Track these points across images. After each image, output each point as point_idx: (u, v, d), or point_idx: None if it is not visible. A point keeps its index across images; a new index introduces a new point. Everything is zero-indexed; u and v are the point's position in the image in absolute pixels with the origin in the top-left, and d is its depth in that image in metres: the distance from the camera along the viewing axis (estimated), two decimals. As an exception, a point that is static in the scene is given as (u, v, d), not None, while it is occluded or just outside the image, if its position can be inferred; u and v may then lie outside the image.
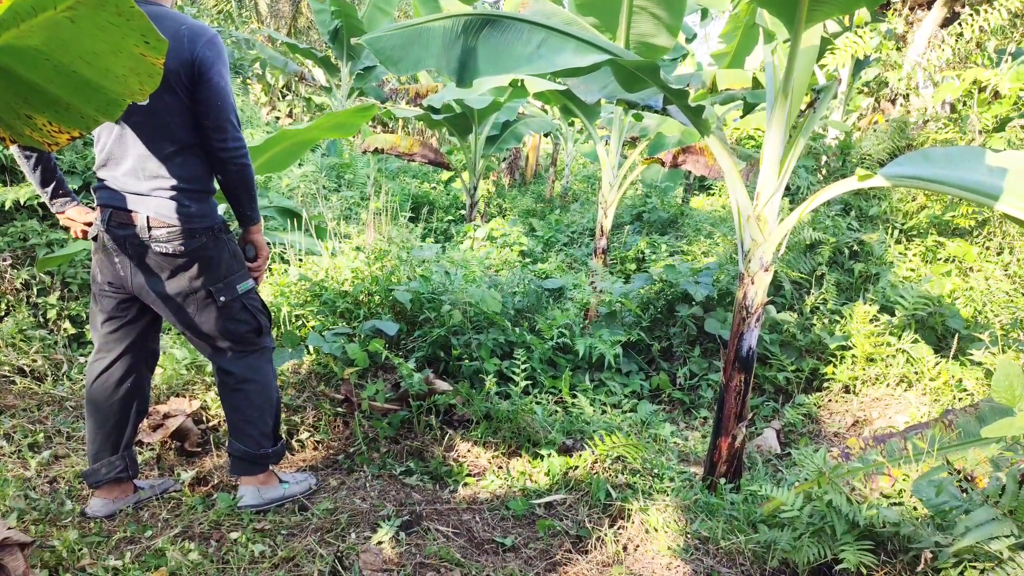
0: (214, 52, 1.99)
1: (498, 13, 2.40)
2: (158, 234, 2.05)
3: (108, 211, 2.07)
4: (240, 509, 2.30)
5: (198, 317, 2.17)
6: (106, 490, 2.28)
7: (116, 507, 2.28)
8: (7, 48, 1.27)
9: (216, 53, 1.99)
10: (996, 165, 2.06)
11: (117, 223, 2.07)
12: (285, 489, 2.41)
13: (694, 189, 9.89)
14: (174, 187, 2.06)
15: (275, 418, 2.37)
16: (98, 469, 2.25)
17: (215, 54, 1.99)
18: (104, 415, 2.25)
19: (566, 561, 2.12)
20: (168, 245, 2.06)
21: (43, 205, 3.80)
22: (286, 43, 11.12)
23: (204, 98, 1.99)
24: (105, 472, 2.25)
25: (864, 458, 2.36)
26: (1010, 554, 1.62)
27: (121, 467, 2.27)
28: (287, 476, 2.48)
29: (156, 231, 2.05)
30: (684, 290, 4.15)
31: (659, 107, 2.70)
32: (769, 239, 2.42)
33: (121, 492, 2.31)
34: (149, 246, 2.06)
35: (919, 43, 5.65)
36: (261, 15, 15.03)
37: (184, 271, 2.11)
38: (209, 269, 2.13)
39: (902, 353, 3.64)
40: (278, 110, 11.61)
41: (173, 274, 2.10)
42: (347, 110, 3.47)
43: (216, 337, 2.21)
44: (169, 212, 2.06)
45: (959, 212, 4.62)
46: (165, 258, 2.08)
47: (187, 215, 2.08)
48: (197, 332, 2.20)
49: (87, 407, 2.26)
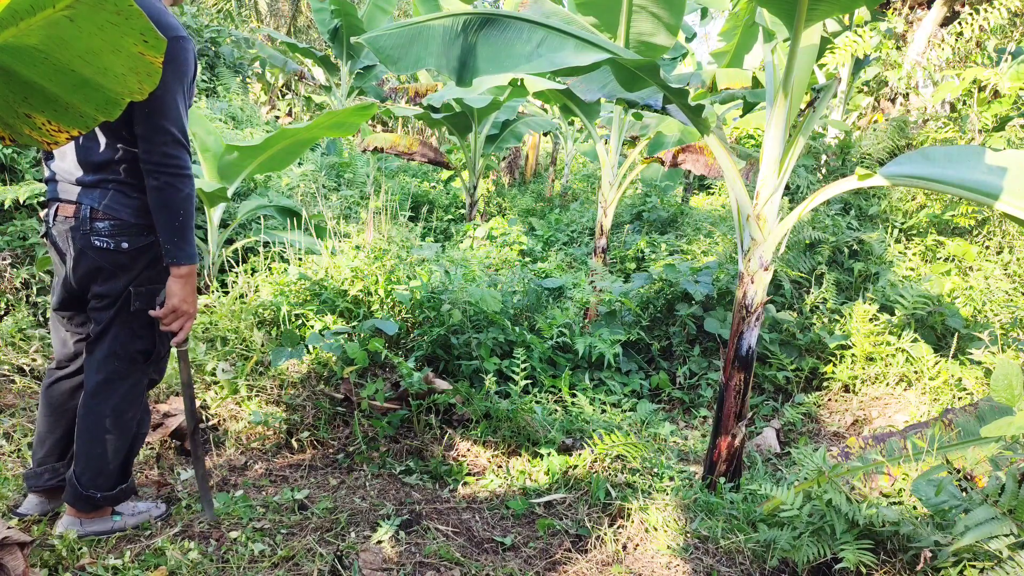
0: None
1: (498, 12, 2.40)
2: (100, 227, 1.90)
3: (55, 205, 1.95)
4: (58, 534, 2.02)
5: (103, 315, 1.97)
6: (45, 492, 2.14)
7: (52, 508, 2.15)
8: (6, 47, 1.27)
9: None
10: (996, 164, 2.06)
11: (62, 216, 1.93)
12: (115, 521, 2.12)
13: (694, 188, 9.89)
14: (121, 181, 1.90)
15: (125, 458, 2.08)
16: (41, 473, 2.12)
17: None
18: (57, 420, 2.12)
19: (566, 560, 2.12)
20: (110, 240, 1.90)
21: (43, 204, 3.80)
22: (286, 42, 11.12)
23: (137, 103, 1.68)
24: (48, 478, 2.12)
25: (864, 457, 2.37)
26: (1009, 553, 1.62)
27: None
28: (125, 507, 2.17)
29: (98, 224, 1.89)
30: (684, 289, 4.15)
31: (659, 106, 2.70)
32: (769, 238, 2.42)
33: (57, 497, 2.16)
34: (91, 240, 1.89)
35: (919, 42, 5.65)
36: (261, 14, 15.03)
37: (124, 271, 1.94)
38: (146, 270, 1.97)
39: (902, 352, 3.64)
40: (278, 109, 11.60)
41: (111, 275, 1.93)
42: (347, 109, 3.47)
43: (104, 343, 1.99)
44: (115, 205, 1.90)
45: (959, 211, 4.62)
46: (105, 255, 1.91)
47: (135, 209, 1.92)
48: (95, 329, 2.00)
49: (40, 407, 2.14)
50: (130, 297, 1.95)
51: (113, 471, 2.05)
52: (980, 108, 4.91)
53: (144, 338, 2.03)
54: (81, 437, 2.02)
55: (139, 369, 2.06)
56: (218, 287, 3.69)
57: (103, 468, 2.03)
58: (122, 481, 2.09)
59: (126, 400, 2.03)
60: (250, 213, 4.33)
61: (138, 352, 2.03)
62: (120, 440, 2.04)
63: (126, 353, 2.01)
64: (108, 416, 2.00)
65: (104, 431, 2.00)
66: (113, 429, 2.01)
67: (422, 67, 2.39)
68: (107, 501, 2.06)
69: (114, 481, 2.06)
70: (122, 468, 2.08)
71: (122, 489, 2.09)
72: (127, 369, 2.02)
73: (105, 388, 2.00)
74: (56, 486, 2.13)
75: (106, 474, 2.03)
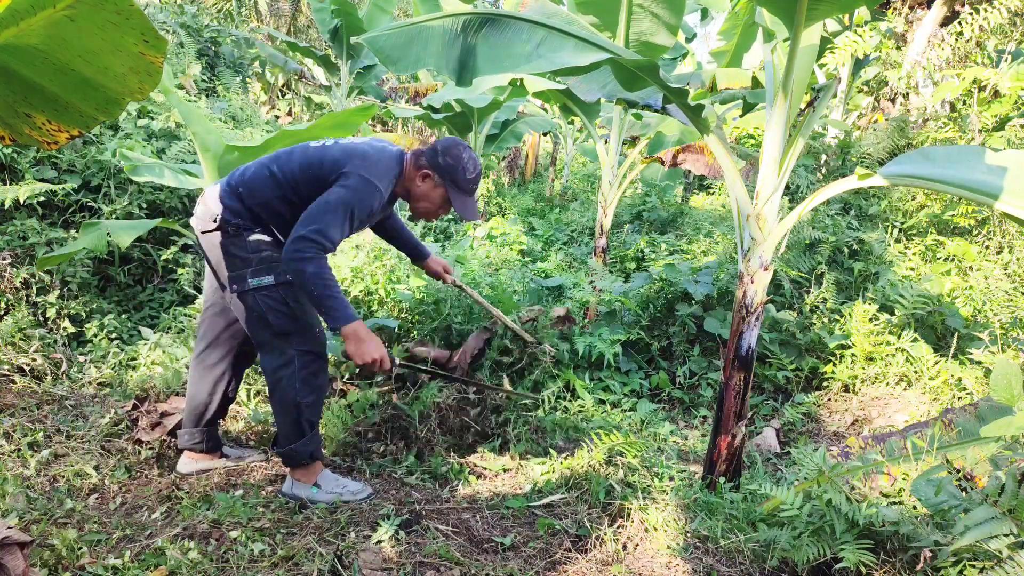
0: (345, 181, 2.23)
1: (498, 12, 2.40)
2: (198, 210, 2.35)
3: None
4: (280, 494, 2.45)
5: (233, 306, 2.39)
6: (189, 454, 2.61)
7: (199, 467, 2.60)
8: (7, 47, 1.27)
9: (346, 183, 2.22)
10: (996, 164, 2.06)
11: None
12: (312, 493, 2.41)
13: (694, 188, 9.88)
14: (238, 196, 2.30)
15: (287, 422, 2.38)
16: (182, 434, 2.60)
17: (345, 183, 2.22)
18: (193, 392, 2.56)
19: (566, 560, 2.12)
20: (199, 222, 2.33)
21: (43, 204, 3.80)
22: (286, 41, 11.10)
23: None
24: (186, 440, 2.59)
25: (863, 457, 2.37)
26: (1009, 553, 1.62)
27: (198, 439, 2.58)
28: (331, 483, 2.45)
29: (198, 208, 2.36)
30: (684, 289, 4.15)
31: (659, 106, 2.70)
32: (769, 238, 2.42)
33: (204, 458, 2.62)
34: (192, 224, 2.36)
35: (919, 42, 5.65)
36: (261, 13, 15.02)
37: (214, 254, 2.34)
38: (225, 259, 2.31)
39: (902, 352, 3.64)
40: (278, 109, 11.59)
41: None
42: (347, 110, 3.47)
43: (250, 332, 2.40)
44: (213, 197, 2.32)
45: (959, 211, 4.62)
46: (197, 237, 2.35)
47: (218, 203, 2.29)
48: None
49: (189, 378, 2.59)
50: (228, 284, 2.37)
51: (288, 432, 2.39)
52: (980, 108, 4.91)
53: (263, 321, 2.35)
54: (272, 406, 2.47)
55: (274, 345, 2.36)
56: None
57: (283, 429, 2.41)
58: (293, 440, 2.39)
59: (277, 375, 2.36)
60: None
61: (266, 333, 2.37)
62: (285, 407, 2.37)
63: (260, 338, 2.41)
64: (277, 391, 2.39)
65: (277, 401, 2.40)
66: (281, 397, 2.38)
67: (422, 67, 2.39)
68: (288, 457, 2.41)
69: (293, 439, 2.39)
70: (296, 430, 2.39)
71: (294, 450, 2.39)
72: (269, 350, 2.38)
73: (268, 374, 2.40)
74: (191, 448, 2.62)
75: (286, 434, 2.41)
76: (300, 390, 2.34)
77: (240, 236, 2.28)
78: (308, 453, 2.42)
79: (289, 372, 2.33)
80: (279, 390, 2.35)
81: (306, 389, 2.35)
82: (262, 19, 14.94)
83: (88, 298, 3.72)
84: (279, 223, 2.32)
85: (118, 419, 2.82)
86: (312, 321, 2.37)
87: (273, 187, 2.29)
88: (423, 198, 2.44)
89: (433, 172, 2.38)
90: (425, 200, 2.44)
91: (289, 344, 2.32)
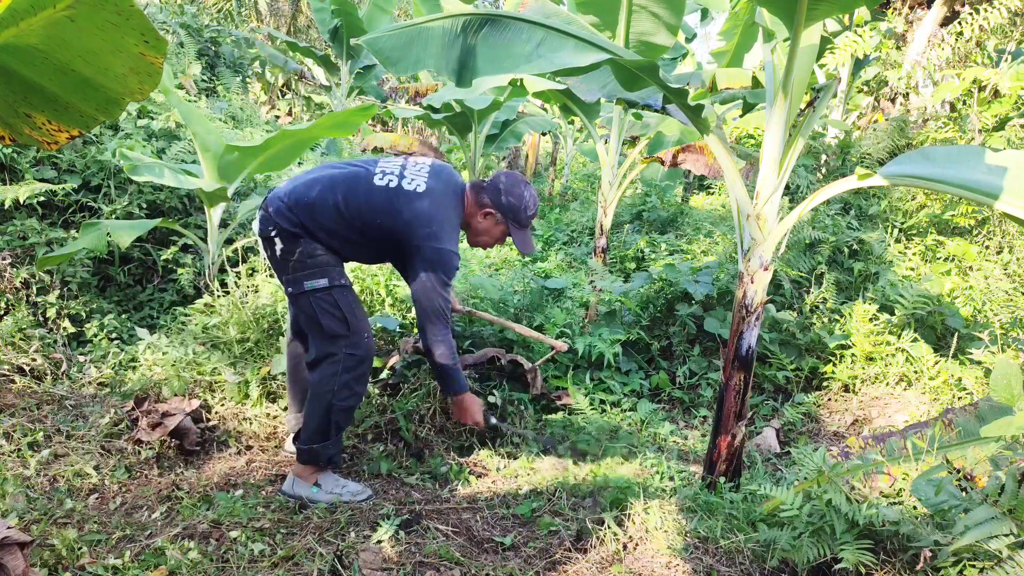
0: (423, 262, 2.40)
1: (498, 13, 2.40)
2: (259, 215, 2.45)
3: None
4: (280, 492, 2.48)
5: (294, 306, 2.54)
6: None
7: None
8: (7, 47, 1.27)
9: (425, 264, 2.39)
10: (996, 164, 2.06)
11: None
12: (313, 492, 2.43)
13: (694, 188, 9.88)
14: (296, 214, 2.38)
15: (316, 421, 2.42)
16: (289, 419, 2.77)
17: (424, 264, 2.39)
18: (292, 380, 2.73)
19: (566, 560, 2.12)
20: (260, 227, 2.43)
21: (43, 204, 3.81)
22: (286, 41, 11.10)
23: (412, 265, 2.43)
24: (293, 424, 2.73)
25: (863, 457, 2.37)
26: (1009, 553, 1.62)
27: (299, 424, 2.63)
28: (331, 483, 2.48)
29: (259, 213, 2.45)
30: (684, 289, 4.15)
31: (659, 106, 2.70)
32: (769, 238, 2.42)
33: None
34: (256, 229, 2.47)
35: (919, 42, 5.65)
36: (261, 14, 15.02)
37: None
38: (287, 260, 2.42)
39: (902, 352, 3.64)
40: (278, 109, 11.59)
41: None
42: (347, 110, 3.47)
43: (306, 330, 2.54)
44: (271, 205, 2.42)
45: (959, 211, 4.62)
46: (260, 241, 2.45)
47: (278, 213, 2.37)
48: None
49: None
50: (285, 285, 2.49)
51: (313, 434, 2.44)
52: (980, 108, 4.91)
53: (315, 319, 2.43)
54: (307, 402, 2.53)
55: (325, 348, 2.44)
56: (218, 287, 3.70)
57: (310, 426, 2.45)
58: (317, 441, 2.44)
59: (320, 375, 2.44)
60: (250, 213, 4.33)
61: (319, 331, 2.46)
62: (319, 409, 2.42)
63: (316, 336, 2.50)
64: (314, 390, 2.46)
65: (312, 399, 2.46)
66: (316, 396, 2.45)
67: (422, 68, 2.39)
68: (306, 455, 2.45)
69: (317, 440, 2.44)
70: (322, 433, 2.44)
71: (312, 449, 2.44)
72: (321, 353, 2.47)
73: (313, 371, 2.48)
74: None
75: (311, 434, 2.45)
76: (339, 392, 2.40)
77: (296, 242, 2.38)
78: (328, 456, 2.46)
79: (332, 372, 2.40)
80: (318, 388, 2.41)
81: (345, 392, 2.41)
82: (262, 19, 14.94)
83: (88, 298, 3.72)
84: (334, 240, 2.43)
85: (118, 419, 2.82)
86: (362, 327, 2.44)
87: (336, 219, 2.39)
88: (484, 233, 2.58)
89: (496, 211, 2.50)
90: (485, 235, 2.58)
91: (337, 346, 2.40)
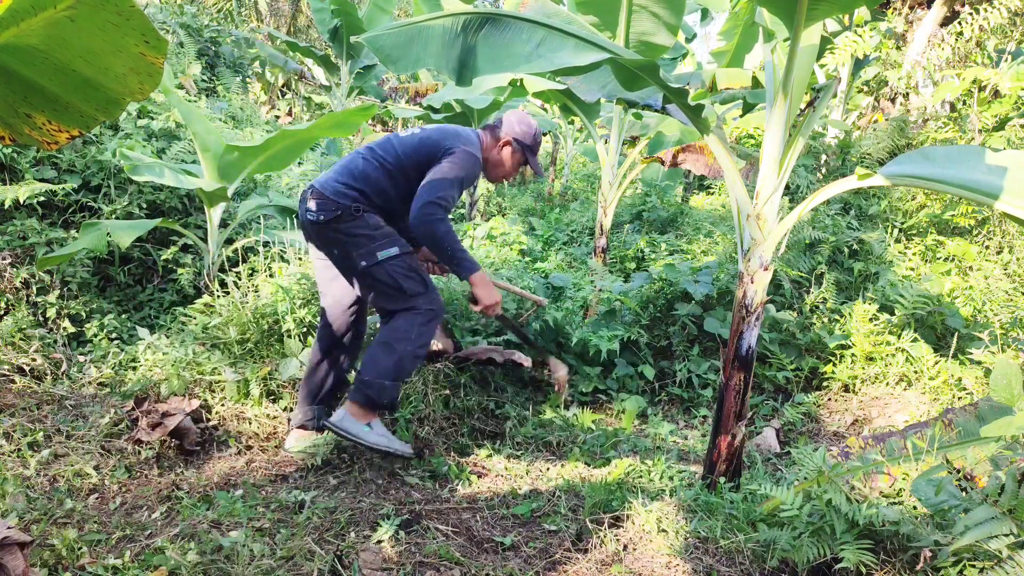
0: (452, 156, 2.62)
1: (498, 12, 2.40)
2: (312, 205, 2.59)
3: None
4: (324, 424, 2.63)
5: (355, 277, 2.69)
6: (300, 432, 2.78)
7: (306, 444, 2.75)
8: (7, 47, 1.27)
9: (453, 157, 2.62)
10: (996, 164, 2.06)
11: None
12: (363, 431, 2.58)
13: (694, 188, 9.88)
14: (351, 185, 2.59)
15: (391, 373, 2.59)
16: (296, 414, 2.82)
17: (453, 157, 2.61)
18: (310, 370, 2.83)
19: (566, 560, 2.12)
20: (318, 214, 2.58)
21: (43, 204, 3.80)
22: (286, 41, 11.11)
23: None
24: (299, 418, 2.80)
25: (863, 457, 2.37)
26: (1009, 553, 1.62)
27: (309, 416, 2.78)
28: (382, 428, 2.65)
29: (311, 203, 2.59)
30: (684, 289, 4.15)
31: (659, 106, 2.70)
32: (769, 238, 2.42)
33: (313, 435, 2.79)
34: (307, 218, 2.61)
35: (919, 42, 5.65)
36: (261, 13, 15.02)
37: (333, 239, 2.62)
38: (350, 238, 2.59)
39: (901, 352, 3.64)
40: (278, 109, 11.58)
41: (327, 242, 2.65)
42: (347, 110, 3.47)
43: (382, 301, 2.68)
44: (326, 189, 2.59)
45: (959, 211, 4.62)
46: (314, 226, 2.61)
47: (337, 193, 2.57)
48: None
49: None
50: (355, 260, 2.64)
51: (384, 376, 2.59)
52: (980, 108, 4.91)
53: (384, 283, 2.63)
54: (373, 348, 2.68)
55: (401, 303, 2.64)
56: (218, 287, 3.69)
57: (383, 366, 2.59)
58: (385, 387, 2.60)
59: (396, 330, 2.64)
60: (250, 212, 4.33)
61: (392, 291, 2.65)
62: (393, 355, 2.60)
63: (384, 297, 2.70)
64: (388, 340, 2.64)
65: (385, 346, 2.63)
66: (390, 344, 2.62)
67: (422, 67, 2.39)
68: (374, 390, 2.59)
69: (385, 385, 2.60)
70: (392, 379, 2.61)
71: (381, 398, 2.60)
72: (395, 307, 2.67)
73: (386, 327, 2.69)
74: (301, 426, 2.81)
75: (381, 373, 2.59)
76: (416, 340, 2.62)
77: (362, 217, 2.59)
78: (390, 398, 2.63)
79: (412, 322, 2.62)
80: (395, 334, 2.61)
81: (420, 340, 2.64)
82: (262, 19, 14.94)
83: (88, 298, 3.72)
84: (387, 202, 2.67)
85: (118, 419, 2.82)
86: (432, 285, 2.71)
87: (385, 175, 2.65)
88: (502, 164, 2.87)
89: (512, 140, 2.82)
90: (503, 166, 2.87)
91: (416, 302, 2.63)
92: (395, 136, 2.75)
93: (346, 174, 2.65)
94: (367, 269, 2.59)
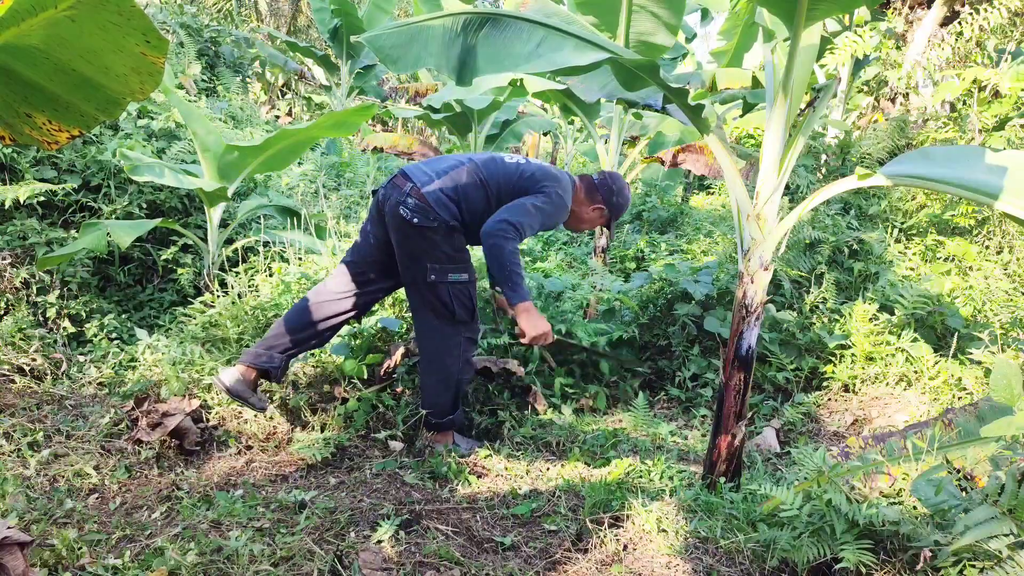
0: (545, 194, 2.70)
1: (498, 12, 2.39)
2: (410, 202, 2.59)
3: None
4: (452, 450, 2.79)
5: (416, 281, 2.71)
6: (243, 370, 2.68)
7: (239, 388, 2.65)
8: (7, 46, 1.27)
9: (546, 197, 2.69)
10: (996, 164, 2.06)
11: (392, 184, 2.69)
12: (459, 450, 2.83)
13: (694, 188, 9.88)
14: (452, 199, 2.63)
15: (447, 395, 2.77)
16: (258, 352, 2.71)
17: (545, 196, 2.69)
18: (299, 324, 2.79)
19: (566, 560, 2.12)
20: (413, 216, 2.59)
21: (43, 204, 3.80)
22: (286, 41, 11.12)
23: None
24: (264, 360, 2.70)
25: (863, 457, 2.37)
26: (1009, 553, 1.62)
27: (277, 363, 2.71)
28: (461, 439, 2.91)
29: (410, 200, 2.60)
30: (683, 289, 4.14)
31: (659, 106, 2.70)
32: (769, 238, 2.42)
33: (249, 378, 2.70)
34: (398, 210, 2.60)
35: (919, 42, 5.65)
36: (261, 13, 15.03)
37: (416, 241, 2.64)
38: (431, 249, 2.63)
39: (901, 352, 3.64)
40: (278, 109, 11.58)
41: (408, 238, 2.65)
42: (347, 110, 3.47)
43: (429, 314, 2.72)
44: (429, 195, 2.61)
45: (959, 211, 4.62)
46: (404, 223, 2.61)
47: (440, 204, 2.60)
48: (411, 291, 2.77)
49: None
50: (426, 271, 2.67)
51: (439, 404, 2.80)
52: (980, 108, 4.91)
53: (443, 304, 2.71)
54: (420, 377, 2.90)
55: (442, 328, 2.73)
56: (218, 287, 3.70)
57: (432, 399, 2.81)
58: (447, 414, 2.81)
59: (439, 352, 2.76)
60: (250, 213, 4.33)
61: (442, 310, 2.72)
62: (439, 382, 2.78)
63: (436, 313, 2.75)
64: (429, 365, 2.80)
65: (429, 374, 2.81)
66: (434, 371, 2.78)
67: (422, 66, 2.39)
68: (437, 426, 2.81)
69: (447, 411, 2.80)
70: (451, 404, 2.81)
71: (449, 420, 2.82)
72: (437, 330, 2.75)
73: (426, 347, 2.80)
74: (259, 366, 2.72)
75: (435, 404, 2.80)
76: (463, 368, 2.78)
77: (453, 236, 2.66)
78: (459, 422, 2.86)
79: (457, 353, 2.73)
80: (444, 368, 2.74)
81: (467, 368, 2.80)
82: (262, 19, 14.95)
83: (88, 298, 3.72)
84: (474, 221, 2.68)
85: (118, 419, 2.82)
86: (477, 315, 2.80)
87: (484, 197, 2.70)
88: (587, 221, 2.97)
89: (606, 207, 2.91)
90: (587, 223, 2.99)
91: (459, 331, 2.73)
92: (500, 159, 2.79)
93: (451, 186, 2.66)
94: (433, 283, 2.64)
